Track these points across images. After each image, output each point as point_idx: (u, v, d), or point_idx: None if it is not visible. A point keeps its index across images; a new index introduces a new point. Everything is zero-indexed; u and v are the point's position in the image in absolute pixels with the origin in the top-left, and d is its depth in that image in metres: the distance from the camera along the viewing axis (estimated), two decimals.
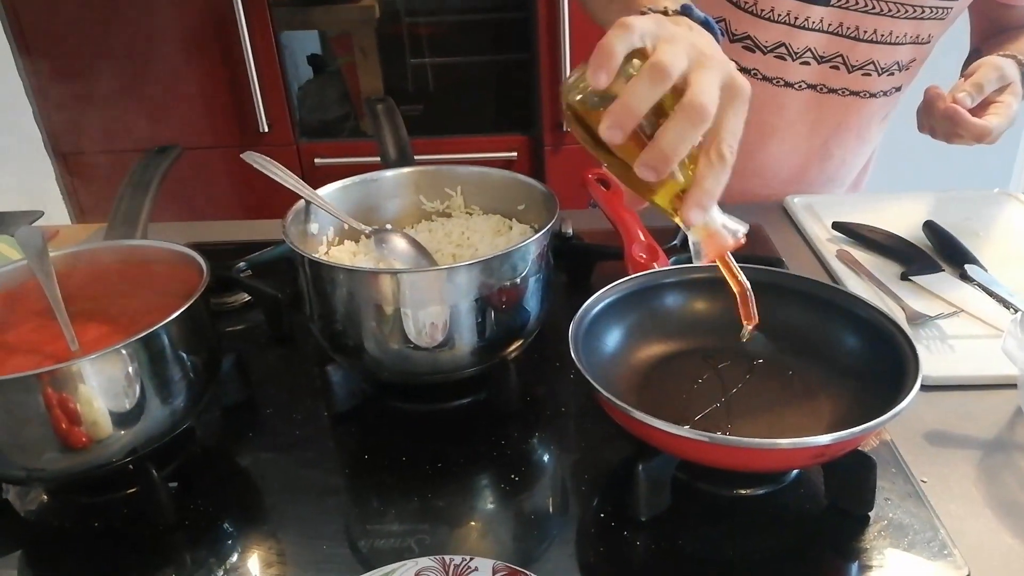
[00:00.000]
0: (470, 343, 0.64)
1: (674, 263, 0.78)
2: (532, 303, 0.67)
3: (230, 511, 0.60)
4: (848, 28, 0.95)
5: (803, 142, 1.06)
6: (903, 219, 0.94)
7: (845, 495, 0.56)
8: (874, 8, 0.93)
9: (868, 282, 0.83)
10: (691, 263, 0.71)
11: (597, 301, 0.65)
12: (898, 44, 0.97)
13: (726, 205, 0.53)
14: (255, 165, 0.72)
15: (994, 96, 0.87)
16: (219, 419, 0.70)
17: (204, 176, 1.96)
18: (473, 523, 0.58)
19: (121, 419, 0.56)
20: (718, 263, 0.55)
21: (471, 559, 0.52)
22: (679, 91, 0.48)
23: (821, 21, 0.94)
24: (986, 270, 0.81)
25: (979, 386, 0.69)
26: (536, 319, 0.69)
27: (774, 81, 0.99)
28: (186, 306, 0.58)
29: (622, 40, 0.48)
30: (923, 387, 0.67)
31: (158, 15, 1.92)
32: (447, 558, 0.52)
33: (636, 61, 0.49)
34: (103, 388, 0.54)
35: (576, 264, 0.88)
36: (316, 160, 2.07)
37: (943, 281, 0.82)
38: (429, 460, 0.63)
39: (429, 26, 2.13)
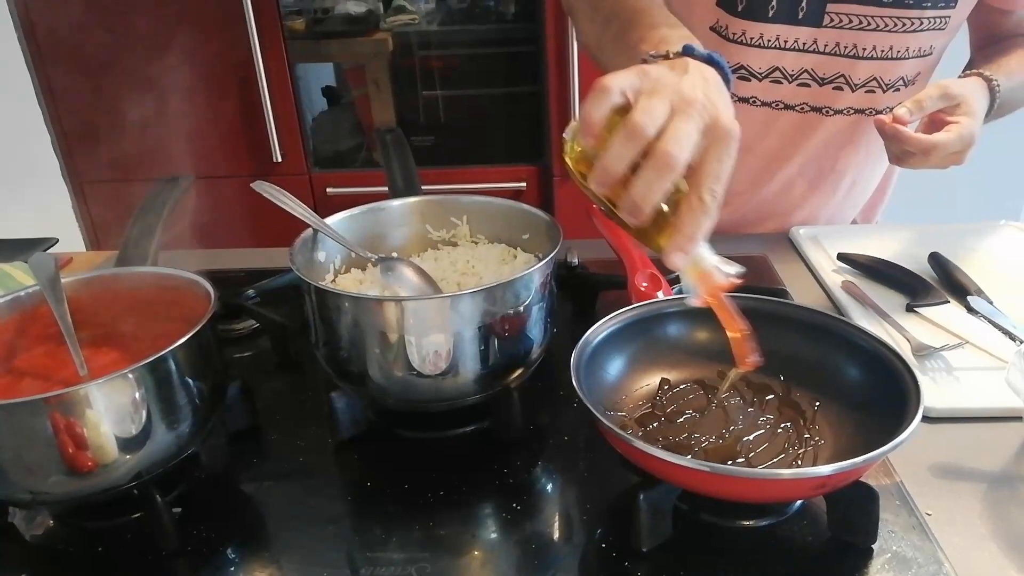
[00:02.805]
0: (473, 371, 0.64)
1: (677, 293, 0.78)
2: (535, 331, 0.67)
3: (233, 537, 0.61)
4: (846, 47, 0.95)
5: (812, 164, 1.06)
6: (908, 251, 0.95)
7: (848, 527, 0.56)
8: (870, 24, 0.93)
9: (873, 313, 0.83)
10: None
11: (599, 330, 0.66)
12: (901, 59, 0.96)
13: (736, 236, 0.53)
14: (264, 194, 0.73)
15: (948, 116, 0.87)
16: (224, 445, 0.70)
17: (218, 205, 1.98)
18: (475, 552, 0.58)
19: (127, 444, 0.56)
20: (711, 304, 0.55)
21: None
22: None
23: (815, 42, 0.94)
24: (991, 302, 0.81)
25: (985, 418, 0.68)
26: (539, 347, 0.69)
27: (773, 105, 1.00)
28: (192, 332, 0.59)
29: (599, 105, 0.50)
30: (928, 419, 0.67)
31: (176, 47, 1.96)
32: None
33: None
34: (110, 413, 0.55)
35: (580, 293, 0.89)
36: (328, 190, 2.09)
37: (948, 313, 0.82)
38: (431, 488, 0.64)
39: (441, 59, 2.16)
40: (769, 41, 0.95)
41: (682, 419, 0.65)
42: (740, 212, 1.11)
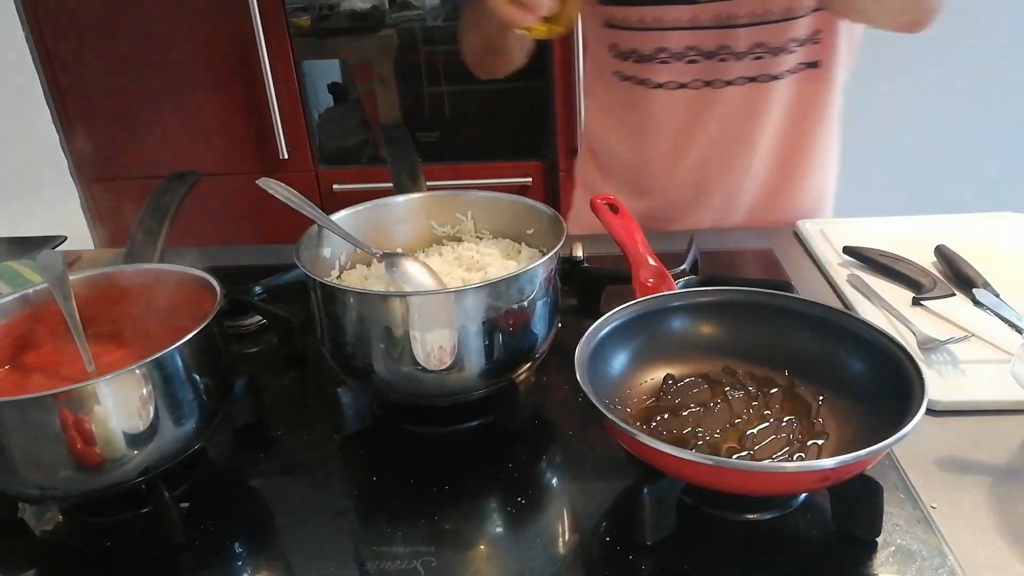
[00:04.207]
0: (478, 365, 0.65)
1: (681, 287, 0.78)
2: (540, 326, 0.68)
3: (240, 532, 0.61)
4: (723, 18, 0.96)
5: (720, 138, 1.05)
6: (914, 243, 0.94)
7: (853, 520, 0.56)
8: None
9: (879, 307, 0.83)
10: (698, 288, 0.72)
11: (604, 324, 0.66)
12: (785, 21, 0.96)
13: (742, 230, 0.53)
14: (269, 191, 0.73)
15: None
16: (231, 440, 0.71)
17: (224, 202, 2.00)
18: (480, 546, 0.58)
19: (134, 439, 0.57)
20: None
21: None
22: None
23: (694, 18, 0.96)
24: (998, 295, 0.80)
25: (990, 411, 0.68)
26: (544, 342, 0.69)
27: (667, 85, 1.02)
28: (199, 328, 0.59)
29: None
30: (934, 412, 0.67)
31: (183, 45, 1.97)
32: None
33: None
34: (117, 408, 0.55)
35: (585, 288, 0.89)
36: (335, 186, 2.10)
37: (954, 306, 0.82)
38: (437, 482, 0.64)
39: (446, 55, 2.16)
40: (651, 23, 0.98)
41: (686, 413, 0.65)
42: (663, 198, 1.12)
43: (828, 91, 1.05)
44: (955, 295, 0.83)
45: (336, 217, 0.76)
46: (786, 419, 0.63)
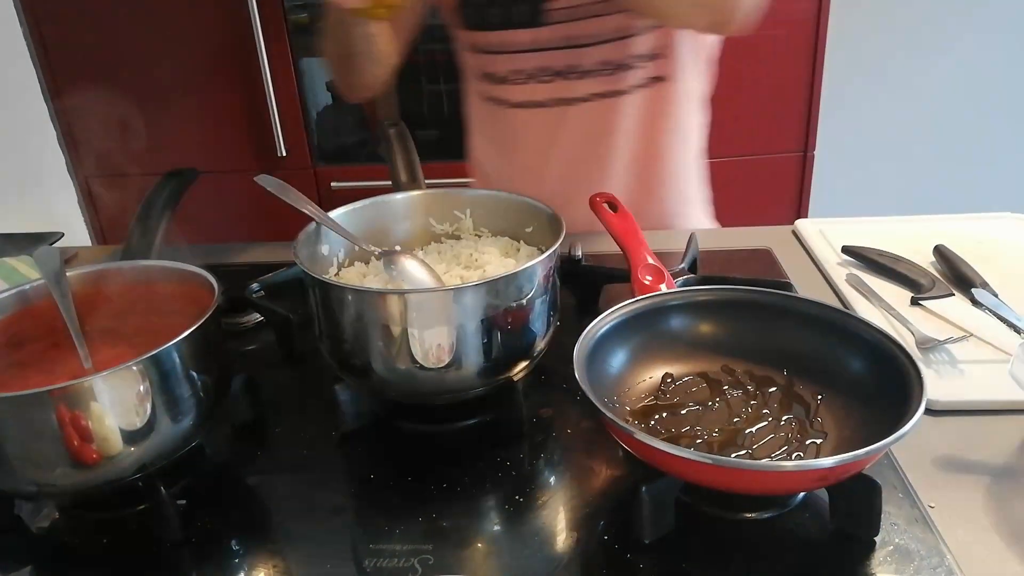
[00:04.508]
0: (476, 364, 0.65)
1: (680, 286, 0.78)
2: (538, 324, 0.67)
3: (237, 529, 0.61)
4: (570, 39, 0.98)
5: (579, 155, 1.07)
6: (913, 243, 0.94)
7: (851, 519, 0.56)
8: (588, 14, 0.96)
9: (878, 306, 0.83)
10: (697, 287, 0.72)
11: (602, 323, 0.66)
12: (629, 38, 0.98)
13: (741, 229, 0.53)
14: (268, 188, 0.73)
15: None
16: (228, 437, 0.71)
17: (221, 199, 1.99)
18: (478, 544, 0.58)
19: (131, 436, 0.57)
20: None
21: None
22: None
23: (542, 40, 0.99)
24: (996, 295, 0.80)
25: (989, 411, 0.68)
26: (542, 340, 0.69)
27: (524, 105, 1.04)
28: (196, 325, 0.59)
29: None
30: (932, 412, 0.67)
31: (181, 42, 1.96)
32: None
33: None
34: (114, 405, 0.55)
35: (583, 287, 0.89)
36: (333, 184, 2.09)
37: (953, 306, 0.82)
38: (435, 480, 0.64)
39: (444, 53, 2.15)
40: (500, 47, 1.01)
41: (685, 412, 0.65)
42: None
43: (677, 103, 1.07)
44: (954, 295, 0.84)
45: (334, 214, 0.76)
46: (785, 418, 0.63)
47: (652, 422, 0.64)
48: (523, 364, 0.68)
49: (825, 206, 1.94)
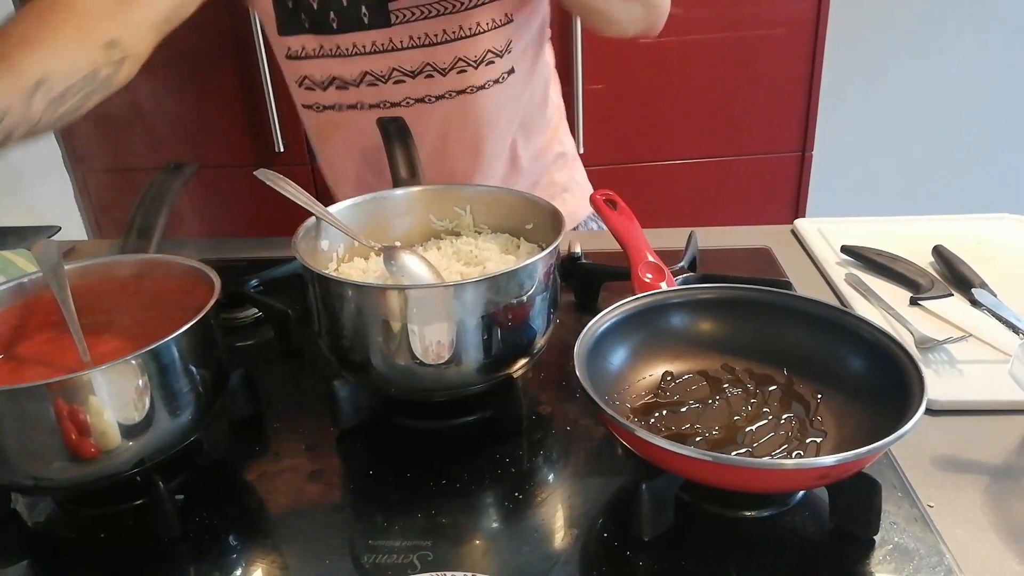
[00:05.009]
0: (476, 360, 0.64)
1: (680, 284, 0.78)
2: (538, 321, 0.67)
3: (235, 525, 0.61)
4: (420, 38, 0.97)
5: (445, 152, 1.06)
6: (912, 243, 0.94)
7: (850, 518, 0.56)
8: (433, 12, 0.95)
9: (877, 306, 0.83)
10: (697, 285, 0.72)
11: (602, 320, 0.65)
12: (479, 35, 0.97)
13: (740, 228, 0.53)
14: (267, 182, 0.73)
15: None
16: (227, 433, 0.70)
17: (219, 194, 1.98)
18: (476, 540, 0.58)
19: (130, 430, 0.56)
20: None
21: None
22: None
23: (391, 41, 0.97)
24: (995, 294, 0.81)
25: (988, 411, 0.68)
26: (542, 337, 0.69)
27: (381, 106, 1.02)
28: (195, 320, 0.59)
29: None
30: (931, 412, 0.67)
31: (177, 36, 1.95)
32: (449, 574, 0.52)
33: None
34: (112, 399, 0.55)
35: (584, 284, 0.88)
36: None
37: (952, 306, 0.82)
38: (434, 477, 0.64)
39: None
40: (349, 50, 0.98)
41: (685, 409, 0.64)
42: None
43: (539, 93, 1.09)
44: (953, 295, 0.84)
45: (334, 209, 0.76)
46: (784, 417, 0.63)
47: (652, 420, 0.64)
48: (523, 361, 0.68)
49: (823, 206, 1.94)
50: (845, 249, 0.95)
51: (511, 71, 1.03)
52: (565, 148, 1.19)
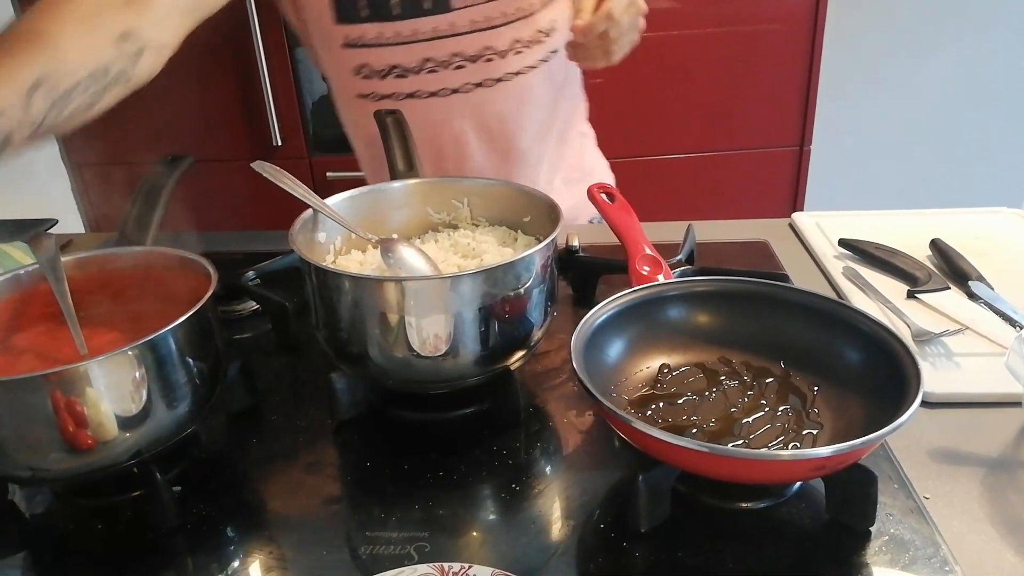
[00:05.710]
0: (473, 352, 0.64)
1: (678, 277, 0.78)
2: (535, 314, 0.67)
3: (232, 516, 0.61)
4: (481, 22, 0.96)
5: (489, 134, 1.06)
6: (910, 237, 0.94)
7: (846, 509, 0.56)
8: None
9: (874, 299, 0.83)
10: (695, 277, 0.72)
11: (599, 313, 0.66)
12: (527, 17, 0.98)
13: (737, 221, 0.53)
14: (264, 174, 0.73)
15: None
16: (224, 425, 0.71)
17: (216, 188, 1.98)
18: (473, 532, 0.58)
19: (127, 422, 0.56)
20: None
21: (469, 567, 0.52)
22: None
23: (452, 26, 0.96)
24: (992, 288, 0.81)
25: (984, 404, 0.68)
26: (539, 330, 0.69)
27: (440, 93, 1.01)
28: (192, 311, 0.59)
29: None
30: (927, 404, 0.68)
31: None
32: (446, 565, 0.52)
33: None
34: (109, 390, 0.55)
35: (581, 277, 0.88)
36: (328, 174, 2.08)
37: (949, 299, 0.82)
38: (431, 469, 0.64)
39: None
40: (409, 37, 0.97)
41: (682, 401, 0.65)
42: None
43: (574, 70, 1.10)
44: (950, 288, 0.84)
45: (331, 202, 0.76)
46: (781, 408, 0.63)
47: (649, 411, 0.64)
48: (520, 353, 0.68)
49: (821, 201, 1.94)
50: (843, 242, 0.95)
51: (555, 51, 1.04)
52: (586, 131, 1.21)
